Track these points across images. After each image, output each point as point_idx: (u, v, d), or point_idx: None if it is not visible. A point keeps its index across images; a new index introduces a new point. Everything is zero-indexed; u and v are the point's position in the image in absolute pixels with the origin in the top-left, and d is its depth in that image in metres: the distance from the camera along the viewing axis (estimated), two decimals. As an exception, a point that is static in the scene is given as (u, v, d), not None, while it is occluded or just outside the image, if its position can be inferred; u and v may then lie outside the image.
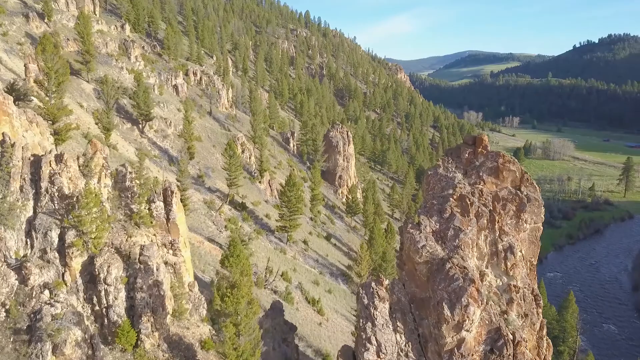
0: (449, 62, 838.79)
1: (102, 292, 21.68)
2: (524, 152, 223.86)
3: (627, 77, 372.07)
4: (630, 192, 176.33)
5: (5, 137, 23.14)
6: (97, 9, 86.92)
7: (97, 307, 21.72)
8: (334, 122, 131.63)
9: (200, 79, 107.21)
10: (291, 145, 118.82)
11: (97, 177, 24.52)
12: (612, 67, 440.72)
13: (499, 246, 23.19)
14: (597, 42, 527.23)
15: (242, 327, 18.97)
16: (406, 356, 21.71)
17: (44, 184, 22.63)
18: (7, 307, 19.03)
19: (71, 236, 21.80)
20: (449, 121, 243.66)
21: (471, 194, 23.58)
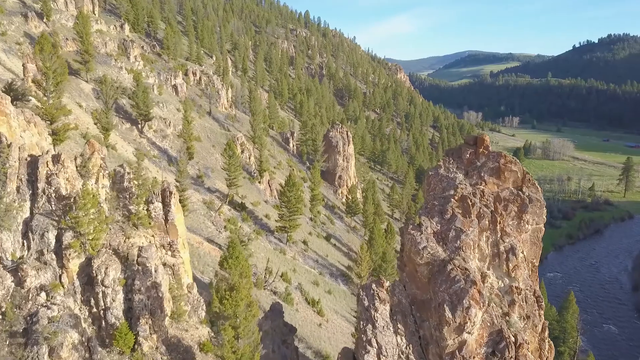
0: (449, 62, 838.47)
1: (100, 294, 21.45)
2: (524, 152, 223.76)
3: (626, 77, 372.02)
4: (630, 192, 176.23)
5: (1, 137, 22.90)
6: (96, 8, 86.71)
7: (95, 309, 21.49)
8: (334, 122, 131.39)
9: (199, 78, 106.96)
10: (291, 145, 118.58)
11: (94, 177, 24.27)
12: (612, 67, 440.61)
13: (500, 247, 22.98)
14: (596, 42, 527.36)
15: (241, 330, 18.75)
16: (407, 359, 21.49)
17: (41, 185, 22.39)
18: (3, 310, 18.79)
19: (68, 237, 21.57)
20: (448, 121, 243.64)
21: (472, 194, 23.35)
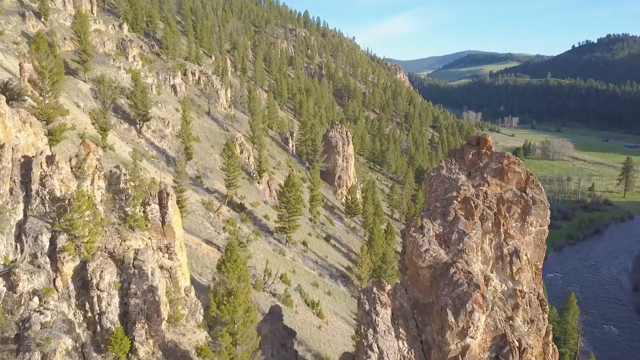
0: (448, 62, 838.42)
1: (95, 298, 20.96)
2: (523, 152, 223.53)
3: (626, 77, 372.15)
4: (630, 192, 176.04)
5: (-5, 137, 22.43)
6: (95, 8, 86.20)
7: (90, 314, 21.00)
8: (333, 122, 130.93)
9: (198, 78, 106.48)
10: (290, 145, 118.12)
11: (90, 179, 23.80)
12: (611, 67, 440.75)
13: (504, 250, 22.55)
14: (596, 42, 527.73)
15: (239, 336, 18.28)
16: (409, 364, 21.05)
17: (35, 186, 21.91)
18: (-6, 315, 18.33)
19: (63, 240, 21.09)
20: (448, 121, 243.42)
21: (475, 196, 22.91)
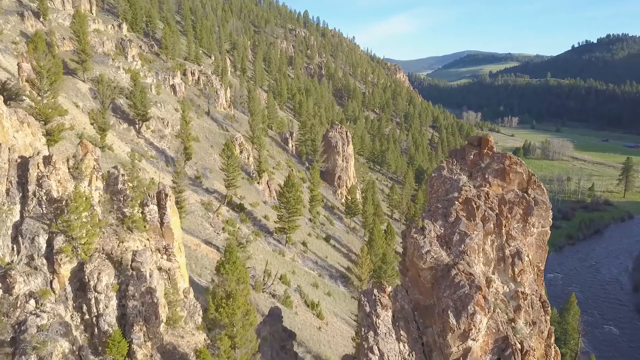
0: (448, 62, 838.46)
1: (92, 300, 20.73)
2: (523, 152, 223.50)
3: (625, 77, 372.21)
4: (629, 192, 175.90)
5: (-9, 138, 22.20)
6: (94, 8, 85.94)
7: (87, 316, 20.76)
8: (333, 122, 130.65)
9: (198, 78, 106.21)
10: (290, 145, 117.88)
11: (87, 179, 23.55)
12: (611, 67, 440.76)
13: (505, 251, 22.33)
14: (595, 42, 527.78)
15: (238, 339, 18.05)
16: (410, 366, 20.82)
17: (32, 187, 21.68)
18: (-10, 318, 18.11)
19: (60, 242, 20.86)
20: (447, 121, 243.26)
21: (477, 197, 22.69)
